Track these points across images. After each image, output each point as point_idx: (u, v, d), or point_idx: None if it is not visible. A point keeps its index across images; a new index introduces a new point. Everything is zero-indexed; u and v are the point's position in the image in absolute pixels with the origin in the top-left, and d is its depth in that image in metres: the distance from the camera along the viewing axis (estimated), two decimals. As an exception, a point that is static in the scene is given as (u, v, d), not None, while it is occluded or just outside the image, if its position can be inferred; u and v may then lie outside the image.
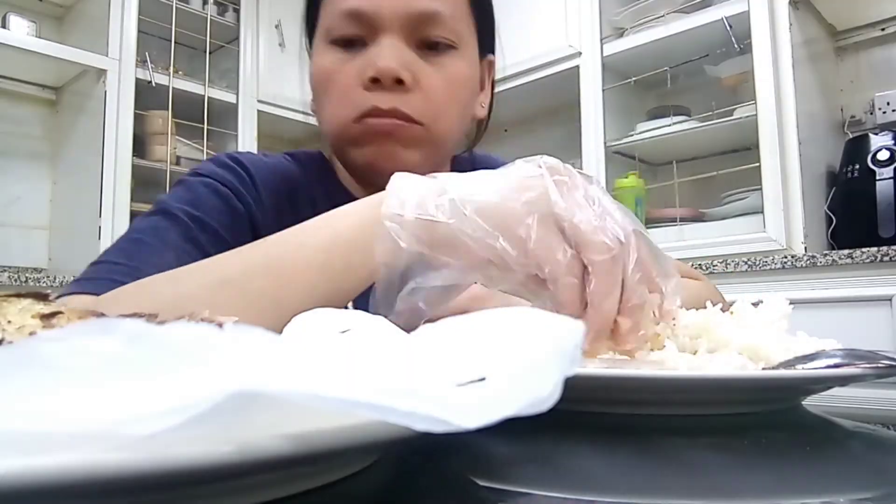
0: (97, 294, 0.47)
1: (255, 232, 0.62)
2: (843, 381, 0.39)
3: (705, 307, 0.43)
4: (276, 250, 0.42)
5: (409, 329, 0.55)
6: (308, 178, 0.68)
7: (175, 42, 2.44)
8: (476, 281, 0.40)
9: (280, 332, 0.37)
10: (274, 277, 0.41)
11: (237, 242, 0.59)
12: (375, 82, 0.58)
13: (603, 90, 2.20)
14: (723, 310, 0.44)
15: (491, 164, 0.75)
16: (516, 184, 0.38)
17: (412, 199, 0.39)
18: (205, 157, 2.50)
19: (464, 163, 0.75)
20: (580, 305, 0.37)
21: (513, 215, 0.37)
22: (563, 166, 0.39)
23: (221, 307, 0.38)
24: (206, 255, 0.56)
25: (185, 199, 0.58)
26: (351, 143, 0.61)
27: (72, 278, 1.92)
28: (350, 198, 0.68)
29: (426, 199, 0.39)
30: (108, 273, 0.51)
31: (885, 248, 1.55)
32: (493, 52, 0.72)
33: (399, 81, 0.58)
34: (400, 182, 0.41)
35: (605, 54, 2.21)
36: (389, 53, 0.58)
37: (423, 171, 0.66)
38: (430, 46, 0.61)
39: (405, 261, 0.38)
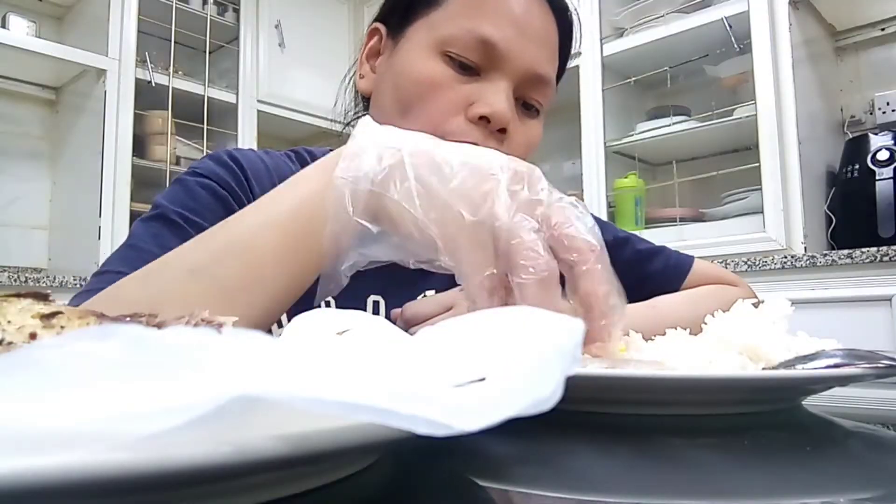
0: None
1: None
2: (843, 381, 0.39)
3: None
4: (238, 230, 0.42)
5: (407, 328, 0.55)
6: None
7: (175, 42, 2.44)
8: (414, 262, 0.40)
9: (255, 312, 0.38)
10: (240, 260, 0.40)
11: None
12: (482, 120, 0.58)
13: (603, 90, 2.20)
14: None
15: None
16: (471, 183, 0.37)
17: (368, 164, 0.38)
18: (205, 157, 2.50)
19: None
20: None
21: (453, 216, 0.36)
22: (528, 176, 0.38)
23: (192, 299, 0.38)
24: None
25: (184, 203, 0.57)
26: None
27: (72, 278, 1.91)
28: None
29: (379, 167, 0.38)
30: (110, 283, 0.51)
31: (884, 248, 1.55)
32: None
33: (503, 130, 0.59)
34: (362, 138, 0.40)
35: (605, 54, 2.21)
36: (507, 101, 0.58)
37: None
38: (524, 105, 0.62)
39: (354, 231, 0.38)
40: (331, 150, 0.71)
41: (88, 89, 2.30)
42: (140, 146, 2.36)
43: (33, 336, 0.21)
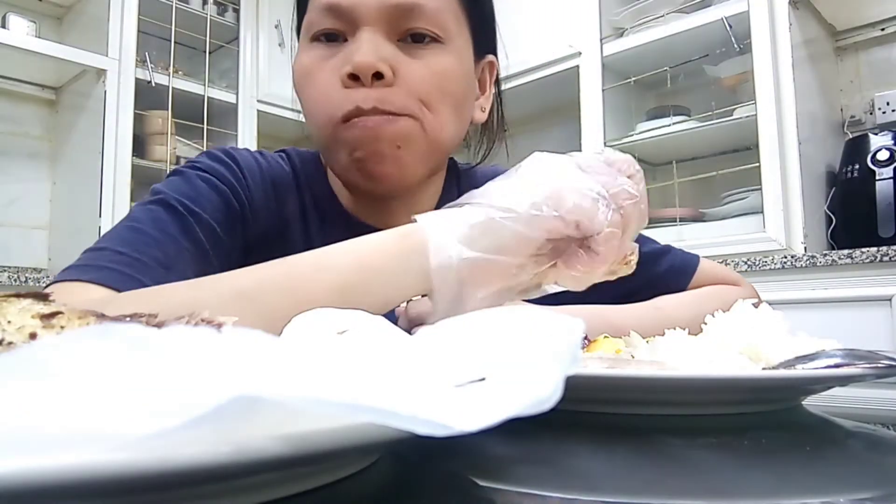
0: (102, 283, 0.47)
1: (246, 231, 0.61)
2: (843, 381, 0.39)
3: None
4: (296, 270, 0.43)
5: (410, 327, 0.55)
6: (299, 182, 0.67)
7: (175, 42, 2.44)
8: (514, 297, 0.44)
9: None
10: (290, 296, 0.41)
11: (231, 240, 0.59)
12: (354, 79, 0.56)
13: (603, 90, 2.20)
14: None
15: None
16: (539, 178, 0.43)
17: (452, 238, 0.42)
18: (205, 157, 2.50)
19: (473, 177, 0.73)
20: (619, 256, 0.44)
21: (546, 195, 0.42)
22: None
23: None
24: (203, 250, 0.55)
25: (185, 193, 0.57)
26: (339, 146, 0.58)
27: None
28: (338, 206, 0.66)
29: (466, 235, 0.42)
30: (111, 262, 0.50)
31: (884, 248, 1.55)
32: (493, 53, 0.69)
33: (378, 76, 0.55)
34: (429, 221, 0.43)
35: (605, 54, 2.21)
36: (366, 48, 0.55)
37: (419, 173, 0.62)
38: (414, 40, 0.58)
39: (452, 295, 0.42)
40: (317, 156, 0.70)
41: (88, 89, 2.30)
42: (140, 146, 2.36)
43: (33, 336, 0.21)
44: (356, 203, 0.67)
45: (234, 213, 0.60)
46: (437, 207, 0.69)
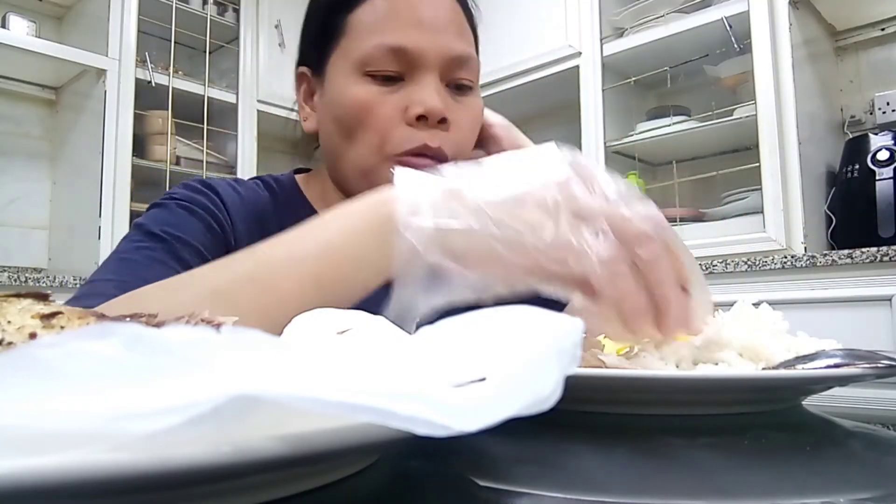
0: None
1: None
2: (843, 381, 0.39)
3: None
4: (265, 260, 0.42)
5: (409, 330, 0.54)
6: (279, 208, 0.68)
7: (175, 42, 2.44)
8: (494, 297, 0.38)
9: None
10: (263, 289, 0.40)
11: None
12: (420, 119, 0.60)
13: (603, 90, 2.20)
14: None
15: None
16: (537, 181, 0.38)
17: (425, 203, 0.38)
18: (205, 157, 2.50)
19: None
20: (640, 295, 0.36)
21: (538, 213, 0.36)
22: (582, 159, 0.40)
23: None
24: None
25: (166, 221, 0.60)
26: (386, 178, 0.58)
27: (72, 278, 1.91)
28: None
29: (440, 204, 0.38)
30: (101, 290, 0.51)
31: (884, 248, 1.55)
32: None
33: (442, 121, 0.61)
34: (406, 181, 0.40)
35: (605, 54, 2.21)
36: (436, 94, 0.61)
37: None
38: (456, 87, 0.64)
39: (422, 274, 0.37)
40: (293, 180, 0.72)
41: (88, 89, 2.30)
42: (140, 146, 2.36)
43: (33, 336, 0.21)
44: None
45: (216, 235, 0.62)
46: None
